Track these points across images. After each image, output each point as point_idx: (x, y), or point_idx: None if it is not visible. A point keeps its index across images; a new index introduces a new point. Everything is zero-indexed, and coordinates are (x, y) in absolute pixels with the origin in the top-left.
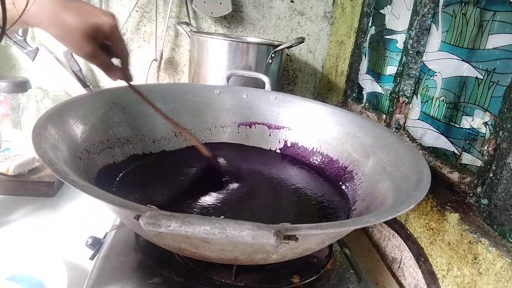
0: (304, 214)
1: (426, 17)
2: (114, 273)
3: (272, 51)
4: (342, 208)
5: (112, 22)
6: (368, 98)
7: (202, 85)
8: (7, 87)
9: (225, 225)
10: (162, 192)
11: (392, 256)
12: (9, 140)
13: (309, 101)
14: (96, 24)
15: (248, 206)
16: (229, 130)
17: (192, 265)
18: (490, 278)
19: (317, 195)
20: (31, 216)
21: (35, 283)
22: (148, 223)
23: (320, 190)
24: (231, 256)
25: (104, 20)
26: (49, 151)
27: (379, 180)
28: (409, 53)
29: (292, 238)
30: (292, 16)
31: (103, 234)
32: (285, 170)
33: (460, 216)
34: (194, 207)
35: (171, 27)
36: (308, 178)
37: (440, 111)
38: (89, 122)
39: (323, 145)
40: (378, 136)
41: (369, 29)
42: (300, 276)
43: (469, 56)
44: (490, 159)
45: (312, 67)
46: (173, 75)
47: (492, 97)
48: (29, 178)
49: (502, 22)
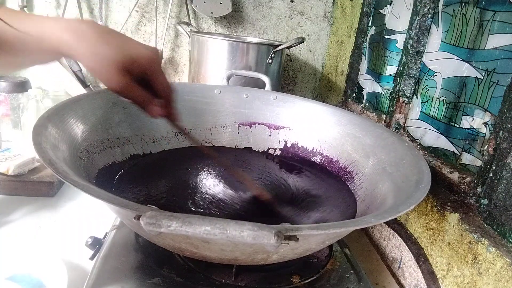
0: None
1: (426, 17)
2: (114, 273)
3: (272, 51)
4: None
5: (150, 54)
6: (368, 98)
7: (202, 85)
8: (7, 87)
9: (225, 225)
10: (162, 192)
11: (392, 256)
12: (9, 140)
13: (309, 101)
14: (131, 56)
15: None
16: (229, 130)
17: (192, 265)
18: (490, 278)
19: (317, 195)
20: (31, 216)
21: (35, 283)
22: (148, 223)
23: (323, 190)
24: (231, 256)
25: (142, 52)
26: (49, 151)
27: (379, 180)
28: (409, 53)
29: (293, 238)
30: (292, 16)
31: (103, 234)
32: (285, 170)
33: (460, 216)
34: (195, 207)
35: (171, 27)
36: (308, 178)
37: (440, 111)
38: (89, 122)
39: (323, 145)
40: (378, 136)
41: (369, 29)
42: (300, 276)
43: (469, 56)
44: (490, 159)
45: (312, 67)
46: (173, 75)
47: (492, 97)
48: (29, 178)
49: (502, 22)
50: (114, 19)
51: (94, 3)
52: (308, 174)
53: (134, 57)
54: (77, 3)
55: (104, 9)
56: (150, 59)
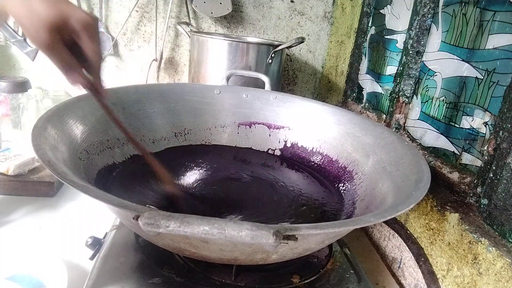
0: (304, 215)
1: (426, 17)
2: (114, 273)
3: (272, 51)
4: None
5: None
6: (368, 98)
7: (202, 85)
8: (7, 87)
9: (224, 225)
10: (162, 192)
11: (392, 256)
12: (9, 140)
13: (309, 101)
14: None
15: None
16: (229, 130)
17: (192, 265)
18: (490, 278)
19: (317, 195)
20: (31, 216)
21: (35, 283)
22: (147, 224)
23: (320, 190)
24: (231, 256)
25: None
26: (49, 152)
27: (379, 179)
28: (409, 53)
29: (292, 238)
30: (292, 16)
31: (103, 234)
32: (285, 170)
33: (460, 216)
34: (194, 207)
35: (171, 27)
36: (308, 178)
37: (440, 111)
38: (88, 123)
39: (323, 144)
40: (378, 135)
41: (369, 29)
42: (300, 276)
43: (469, 56)
44: (490, 159)
45: (312, 67)
46: (173, 75)
47: (492, 97)
48: (29, 178)
49: (502, 22)
50: (114, 19)
51: (94, 3)
52: (306, 174)
53: (69, 18)
54: (77, 3)
55: (104, 9)
56: (86, 24)
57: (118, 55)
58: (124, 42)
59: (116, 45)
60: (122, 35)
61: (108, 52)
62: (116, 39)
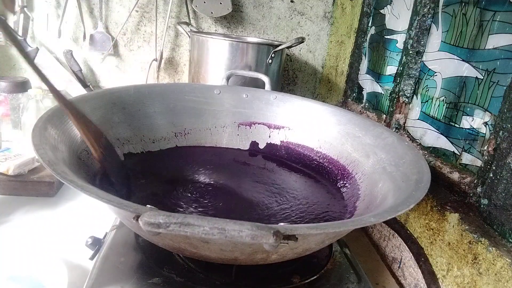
0: (304, 215)
1: (426, 17)
2: (114, 273)
3: (272, 51)
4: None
5: None
6: (368, 98)
7: (202, 85)
8: (7, 87)
9: (224, 225)
10: (162, 191)
11: (392, 256)
12: (9, 140)
13: (309, 101)
14: None
15: (249, 206)
16: (229, 130)
17: (192, 265)
18: (490, 278)
19: (317, 195)
20: (31, 216)
21: (35, 283)
22: (147, 224)
23: (320, 190)
24: (231, 256)
25: None
26: (49, 152)
27: (379, 179)
28: (409, 53)
29: (292, 238)
30: (292, 16)
31: (103, 234)
32: (285, 170)
33: (460, 216)
34: (195, 207)
35: (171, 27)
36: (308, 178)
37: (440, 111)
38: None
39: (323, 145)
40: (378, 135)
41: (369, 29)
42: (300, 276)
43: (469, 56)
44: (490, 159)
45: (312, 67)
46: (173, 75)
47: (492, 97)
48: (29, 178)
49: (502, 22)
50: (114, 19)
51: (94, 3)
52: (306, 174)
53: None
54: (77, 3)
55: (104, 9)
56: None
57: (118, 55)
58: (124, 42)
59: (116, 45)
60: (122, 35)
61: (108, 52)
62: (116, 39)
